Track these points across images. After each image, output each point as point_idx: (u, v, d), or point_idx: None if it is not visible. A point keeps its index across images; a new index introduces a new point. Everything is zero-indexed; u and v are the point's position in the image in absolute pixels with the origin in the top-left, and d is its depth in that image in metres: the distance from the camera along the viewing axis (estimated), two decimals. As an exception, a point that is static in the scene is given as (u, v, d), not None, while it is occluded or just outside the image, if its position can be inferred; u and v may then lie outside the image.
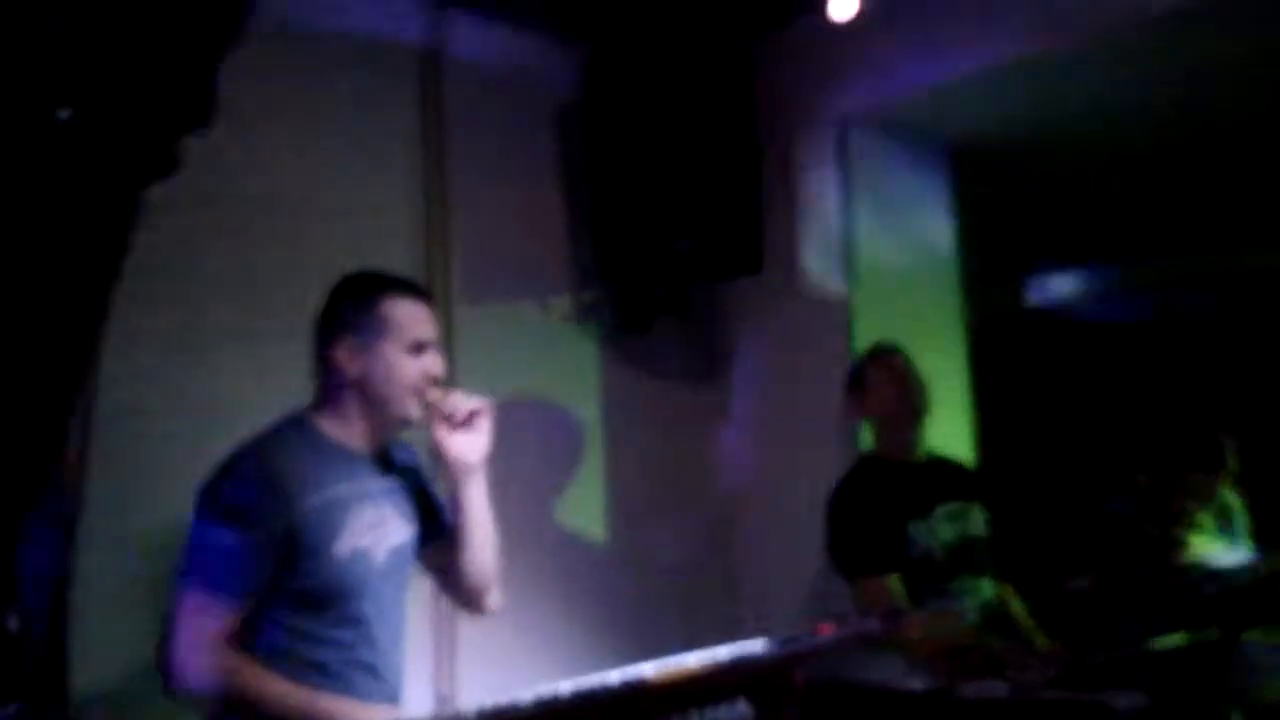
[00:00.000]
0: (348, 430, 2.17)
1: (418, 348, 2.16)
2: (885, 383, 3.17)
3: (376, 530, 2.14)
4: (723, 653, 1.65)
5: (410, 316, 2.17)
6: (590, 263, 3.66)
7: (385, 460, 2.25)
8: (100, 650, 2.58)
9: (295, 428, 2.15)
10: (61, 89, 1.88)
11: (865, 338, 3.74)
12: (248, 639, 2.02)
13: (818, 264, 3.82)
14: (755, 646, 1.67)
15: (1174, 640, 2.67)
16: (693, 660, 1.59)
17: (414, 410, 2.17)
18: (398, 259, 3.26)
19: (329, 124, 3.19)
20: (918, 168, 4.06)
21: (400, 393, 2.15)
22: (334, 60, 3.22)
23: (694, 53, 3.46)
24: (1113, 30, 3.19)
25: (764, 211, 3.59)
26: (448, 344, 3.18)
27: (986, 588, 3.07)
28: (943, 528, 3.04)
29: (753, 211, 3.55)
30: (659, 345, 3.89)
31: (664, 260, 3.50)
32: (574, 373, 3.74)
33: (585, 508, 3.69)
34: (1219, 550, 3.64)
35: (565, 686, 1.50)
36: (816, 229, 3.83)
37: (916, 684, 1.37)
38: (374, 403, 2.15)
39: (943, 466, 3.23)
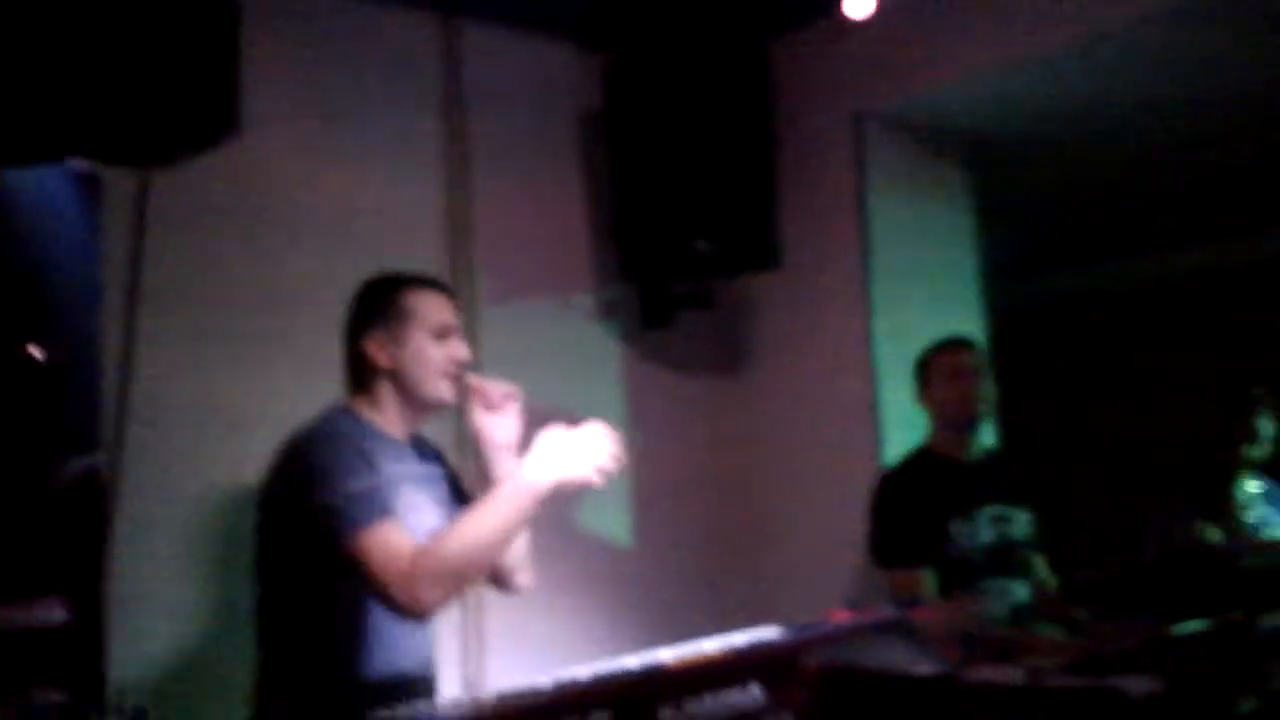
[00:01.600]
0: (386, 418, 2.26)
1: (442, 333, 2.26)
2: (946, 379, 3.16)
3: (417, 514, 2.22)
4: (737, 639, 1.71)
5: (431, 304, 2.27)
6: (613, 261, 3.73)
7: (419, 448, 2.35)
8: (136, 640, 2.67)
9: (343, 414, 2.25)
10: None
11: (884, 331, 3.79)
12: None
13: (836, 259, 3.86)
14: (768, 633, 1.73)
15: (1193, 626, 2.68)
16: (707, 646, 1.65)
17: (446, 393, 2.26)
18: (423, 262, 3.30)
19: (354, 130, 3.27)
20: (934, 163, 4.09)
21: (431, 376, 2.24)
22: (357, 66, 3.30)
23: (711, 54, 3.51)
24: (1126, 25, 3.22)
25: (782, 208, 3.64)
26: (473, 344, 3.23)
27: (1021, 591, 3.09)
28: (984, 529, 3.06)
29: (770, 208, 3.60)
30: (681, 341, 3.95)
31: (684, 258, 3.55)
32: (598, 369, 3.81)
33: (610, 501, 3.75)
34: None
35: (583, 671, 1.56)
36: (835, 225, 3.86)
37: (924, 668, 1.41)
38: (407, 389, 2.24)
39: (994, 467, 3.23)
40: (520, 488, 2.06)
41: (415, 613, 2.02)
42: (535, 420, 2.36)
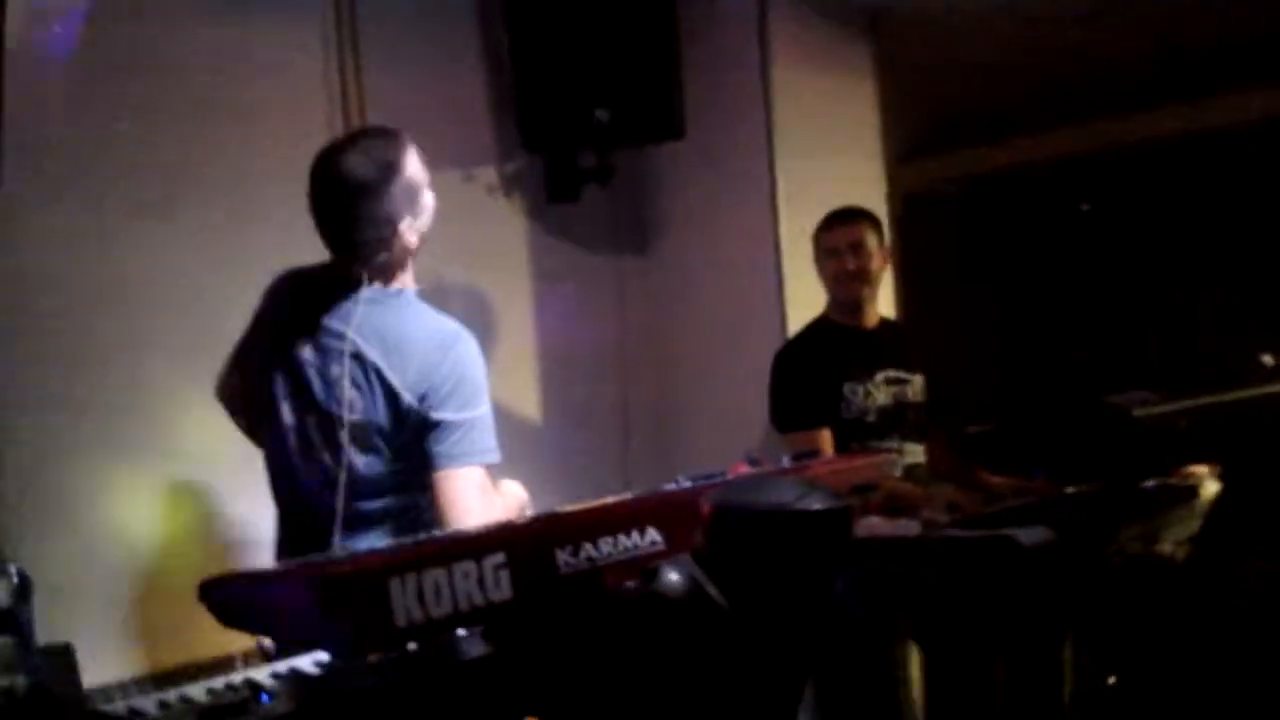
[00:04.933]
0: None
1: (429, 185, 2.30)
2: (825, 255, 3.24)
3: None
4: (636, 492, 1.72)
5: (421, 159, 2.28)
6: (513, 133, 3.65)
7: None
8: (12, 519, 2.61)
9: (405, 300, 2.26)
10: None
11: (788, 204, 3.79)
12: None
13: (739, 129, 3.82)
14: (667, 485, 1.74)
15: (1083, 486, 2.77)
16: (608, 498, 1.65)
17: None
18: (311, 130, 3.21)
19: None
20: (839, 35, 4.06)
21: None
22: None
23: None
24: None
25: (684, 77, 3.59)
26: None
27: (915, 451, 3.18)
28: (880, 391, 3.16)
29: (673, 78, 3.56)
30: (586, 215, 3.91)
31: (586, 128, 3.50)
32: (501, 244, 3.76)
33: (517, 377, 3.73)
34: None
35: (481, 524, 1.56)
36: (739, 96, 3.82)
37: (815, 504, 1.43)
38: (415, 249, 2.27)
39: (891, 333, 3.32)
40: None
41: None
42: (438, 299, 2.33)
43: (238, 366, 2.40)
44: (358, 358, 2.14)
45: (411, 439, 2.16)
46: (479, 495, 2.15)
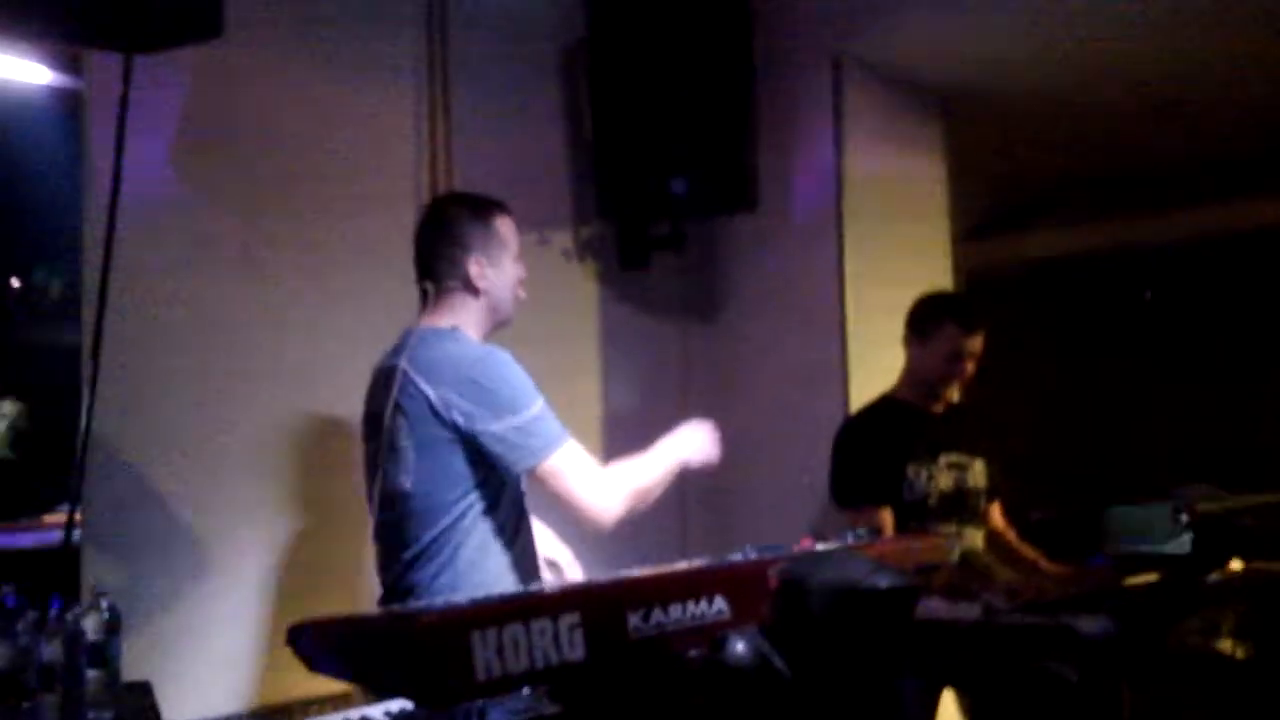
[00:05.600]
0: (478, 336, 2.46)
1: (518, 256, 2.50)
2: (945, 356, 3.15)
3: None
4: (705, 560, 1.76)
5: (512, 230, 2.51)
6: (590, 199, 3.75)
7: None
8: (114, 558, 2.71)
9: (462, 334, 2.41)
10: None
11: (855, 276, 3.83)
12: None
13: (810, 202, 3.88)
14: (735, 555, 1.78)
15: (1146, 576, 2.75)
16: (679, 565, 1.70)
17: (514, 312, 2.52)
18: (399, 184, 3.35)
19: (334, 44, 3.23)
20: (912, 111, 4.12)
21: (512, 297, 2.50)
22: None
23: (693, -8, 3.52)
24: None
25: (759, 150, 3.66)
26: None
27: (974, 536, 3.18)
28: (942, 475, 3.14)
29: (746, 150, 3.62)
30: (656, 282, 3.98)
31: (660, 197, 3.58)
32: (573, 307, 3.83)
33: (582, 435, 3.77)
34: None
35: (553, 583, 1.60)
36: (810, 168, 3.89)
37: (883, 581, 1.46)
38: (494, 310, 2.48)
39: (954, 416, 3.29)
40: (671, 454, 2.46)
41: (602, 521, 2.31)
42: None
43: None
44: (405, 383, 2.30)
45: (468, 457, 2.29)
46: (571, 480, 2.30)
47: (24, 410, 4.28)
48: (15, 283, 4.27)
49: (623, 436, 3.83)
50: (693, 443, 2.53)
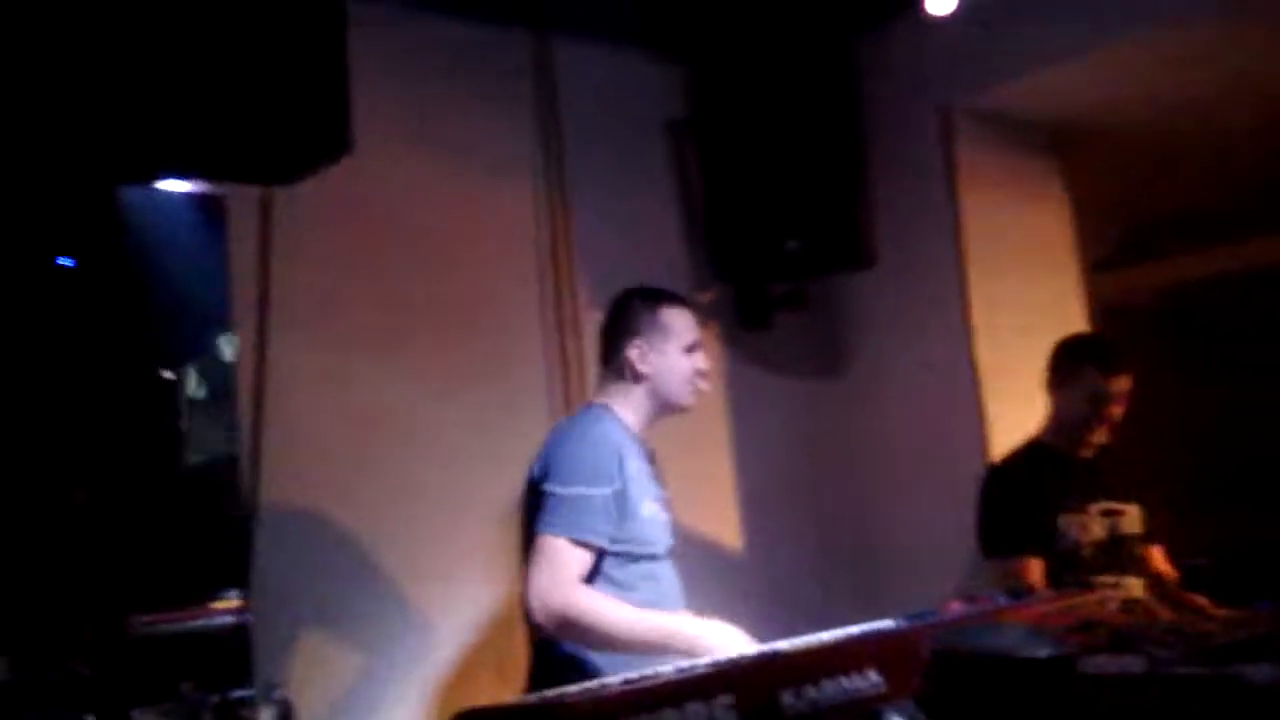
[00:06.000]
0: (634, 418, 2.51)
1: (691, 347, 2.52)
2: (1092, 399, 3.07)
3: (653, 504, 2.45)
4: (855, 630, 1.75)
5: (683, 321, 2.54)
6: (707, 264, 3.79)
7: (646, 445, 2.57)
8: (282, 638, 2.82)
9: (604, 411, 2.48)
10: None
11: (985, 324, 3.77)
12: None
13: (930, 253, 3.85)
14: (884, 624, 1.76)
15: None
16: (826, 636, 1.69)
17: (689, 399, 2.54)
18: (525, 274, 3.45)
19: (455, 149, 3.37)
20: (1024, 154, 4.06)
21: (680, 385, 2.51)
22: (454, 84, 3.40)
23: (795, 55, 3.56)
24: (1208, 14, 3.17)
25: (873, 204, 3.66)
26: (578, 353, 3.36)
27: (1133, 585, 3.06)
28: (1095, 524, 3.03)
29: (860, 207, 3.62)
30: (779, 341, 3.99)
31: (777, 258, 3.60)
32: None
33: (716, 501, 3.79)
34: None
35: (702, 661, 1.61)
36: (927, 221, 3.86)
37: (1040, 651, 1.43)
38: (659, 394, 2.51)
39: (1104, 461, 3.18)
40: (679, 630, 2.27)
41: (531, 619, 2.25)
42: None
43: None
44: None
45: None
46: (543, 564, 2.25)
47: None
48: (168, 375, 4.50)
49: (755, 497, 3.86)
50: (713, 635, 2.28)
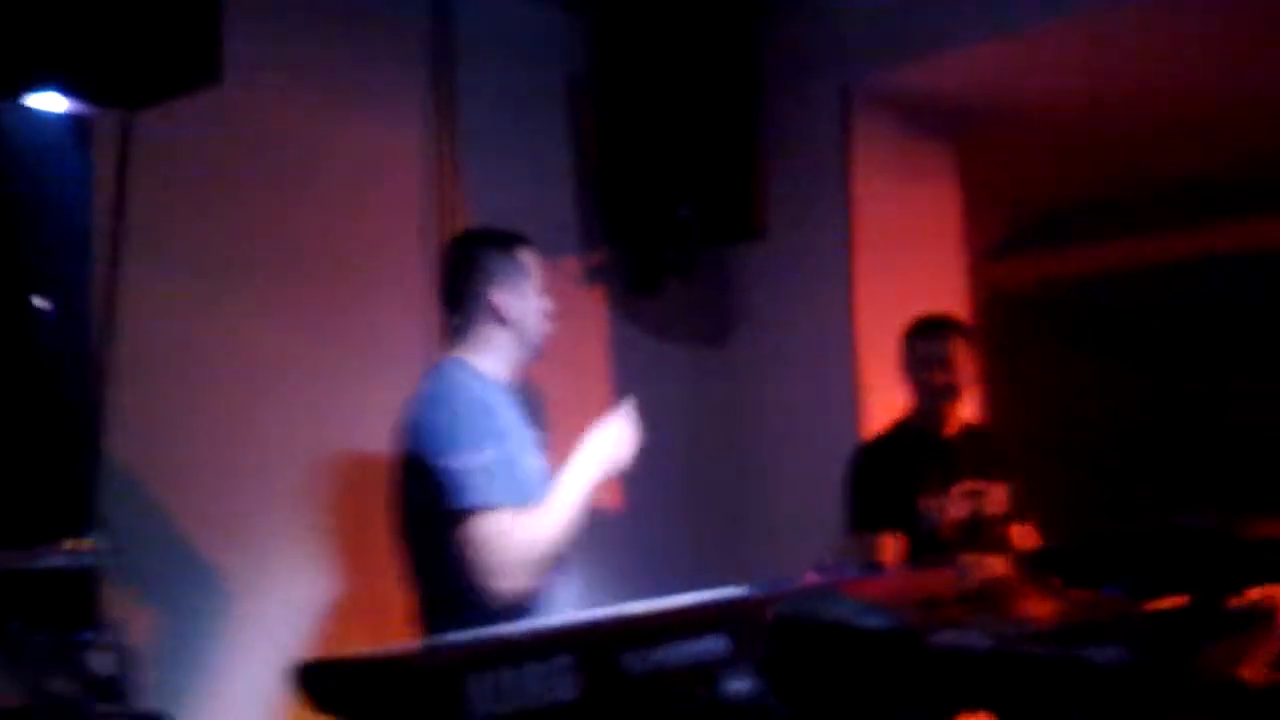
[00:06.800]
0: (499, 366, 2.45)
1: (543, 288, 2.48)
2: (917, 364, 3.20)
3: (527, 456, 2.40)
4: (705, 595, 1.75)
5: (536, 261, 2.50)
6: (598, 225, 3.76)
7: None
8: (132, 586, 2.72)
9: (459, 367, 2.40)
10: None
11: (869, 302, 3.82)
12: None
13: (821, 229, 3.88)
14: (736, 590, 1.77)
15: (1163, 601, 2.72)
16: (675, 600, 1.69)
17: (543, 341, 2.50)
18: (409, 221, 3.37)
19: (339, 80, 3.26)
20: (921, 138, 4.11)
21: (540, 326, 2.48)
22: (342, 23, 3.28)
23: (698, 21, 3.54)
24: (1111, 4, 3.23)
25: (767, 177, 3.67)
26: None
27: (998, 565, 3.13)
28: (956, 505, 3.12)
29: (754, 178, 3.63)
30: (667, 307, 3.98)
31: (668, 225, 3.59)
32: (583, 332, 3.83)
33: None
34: None
35: (549, 619, 1.60)
36: (820, 197, 3.89)
37: (877, 622, 1.44)
38: (524, 339, 2.46)
39: (972, 441, 3.26)
40: (579, 482, 2.30)
41: (495, 600, 2.18)
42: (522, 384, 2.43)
43: None
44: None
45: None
46: (479, 545, 2.21)
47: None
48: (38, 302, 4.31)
49: (636, 463, 3.84)
50: (605, 448, 2.38)
